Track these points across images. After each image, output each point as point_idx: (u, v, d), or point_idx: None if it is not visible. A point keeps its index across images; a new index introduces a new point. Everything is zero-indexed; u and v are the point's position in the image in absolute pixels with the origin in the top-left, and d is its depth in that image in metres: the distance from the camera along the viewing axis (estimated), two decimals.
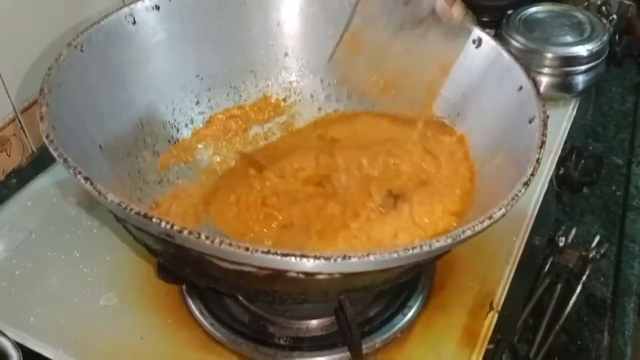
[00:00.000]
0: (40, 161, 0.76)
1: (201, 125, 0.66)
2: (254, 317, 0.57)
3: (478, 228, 0.41)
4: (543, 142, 0.47)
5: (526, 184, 0.44)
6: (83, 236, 0.64)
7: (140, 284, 0.59)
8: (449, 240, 0.39)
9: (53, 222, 0.65)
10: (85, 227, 0.65)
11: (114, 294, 0.59)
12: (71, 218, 0.66)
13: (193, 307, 0.57)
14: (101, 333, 0.55)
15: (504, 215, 0.42)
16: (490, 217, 0.41)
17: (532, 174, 0.45)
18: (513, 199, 0.43)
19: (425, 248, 0.39)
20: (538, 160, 0.46)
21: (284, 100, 0.70)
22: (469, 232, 0.40)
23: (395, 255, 0.38)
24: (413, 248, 0.38)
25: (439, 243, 0.39)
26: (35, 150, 0.78)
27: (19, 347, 0.52)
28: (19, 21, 0.70)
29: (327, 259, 0.38)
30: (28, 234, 0.64)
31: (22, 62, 0.72)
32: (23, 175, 0.75)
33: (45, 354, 0.54)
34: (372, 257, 0.38)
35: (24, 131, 0.76)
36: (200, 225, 0.58)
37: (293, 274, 0.40)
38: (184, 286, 0.58)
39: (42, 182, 0.70)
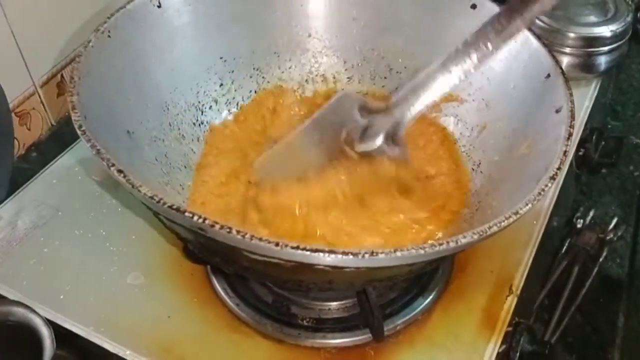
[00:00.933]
0: (60, 134, 0.78)
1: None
2: (277, 298, 0.58)
3: (504, 224, 0.41)
4: (570, 134, 0.47)
5: (553, 178, 0.44)
6: (108, 214, 0.65)
7: (166, 263, 0.61)
8: (476, 237, 0.40)
9: (78, 200, 0.66)
10: (110, 206, 0.66)
11: (140, 273, 0.60)
12: (96, 196, 0.66)
13: (218, 287, 0.58)
14: (129, 311, 0.57)
15: (529, 210, 0.43)
16: (516, 213, 0.42)
17: (559, 168, 0.45)
18: (539, 193, 0.43)
19: (452, 244, 0.39)
20: (565, 154, 0.46)
21: (307, 81, 0.70)
22: (495, 228, 0.41)
23: (422, 251, 0.39)
24: (440, 245, 0.39)
25: (466, 239, 0.40)
26: (54, 124, 0.79)
27: (50, 324, 0.54)
28: None
29: (355, 254, 0.38)
30: (55, 212, 0.65)
31: (41, 37, 0.73)
32: (43, 149, 0.76)
33: (76, 331, 0.55)
34: (399, 254, 0.39)
35: (43, 105, 0.77)
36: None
37: (320, 267, 0.41)
38: (208, 266, 0.59)
39: (66, 160, 0.70)
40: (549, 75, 0.54)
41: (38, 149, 0.77)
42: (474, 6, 0.62)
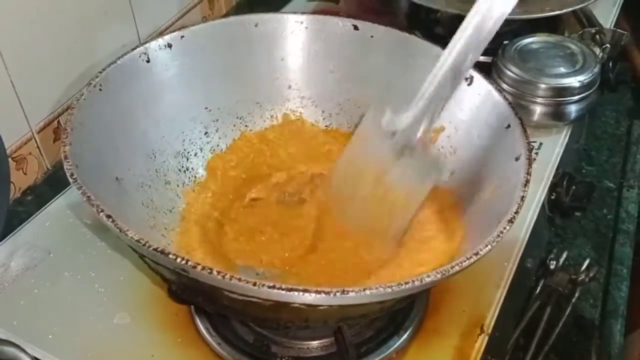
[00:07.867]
0: (54, 179, 0.80)
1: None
2: (258, 337, 0.60)
3: (466, 264, 0.44)
4: (527, 181, 0.51)
5: (511, 221, 0.47)
6: (98, 256, 0.67)
7: (151, 303, 0.63)
8: (438, 276, 0.43)
9: (70, 242, 0.68)
10: (100, 248, 0.68)
11: (127, 313, 0.62)
12: (86, 239, 0.68)
13: (201, 327, 0.60)
14: (115, 351, 0.58)
15: (489, 251, 0.46)
16: (477, 254, 0.45)
17: (517, 212, 0.48)
18: (498, 235, 0.46)
19: (417, 283, 0.42)
20: (522, 199, 0.49)
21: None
22: (457, 268, 0.44)
23: (390, 290, 0.42)
24: (405, 283, 0.42)
25: (430, 278, 0.43)
26: (49, 168, 0.82)
27: None
28: (36, 48, 0.74)
29: (327, 293, 0.41)
30: (46, 254, 0.67)
31: (38, 85, 0.76)
32: (38, 192, 0.79)
33: None
34: (368, 292, 0.41)
35: (39, 150, 0.80)
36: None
37: (296, 305, 0.43)
38: (192, 306, 0.61)
39: (59, 204, 0.73)
40: (509, 126, 0.58)
41: (33, 192, 0.79)
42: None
